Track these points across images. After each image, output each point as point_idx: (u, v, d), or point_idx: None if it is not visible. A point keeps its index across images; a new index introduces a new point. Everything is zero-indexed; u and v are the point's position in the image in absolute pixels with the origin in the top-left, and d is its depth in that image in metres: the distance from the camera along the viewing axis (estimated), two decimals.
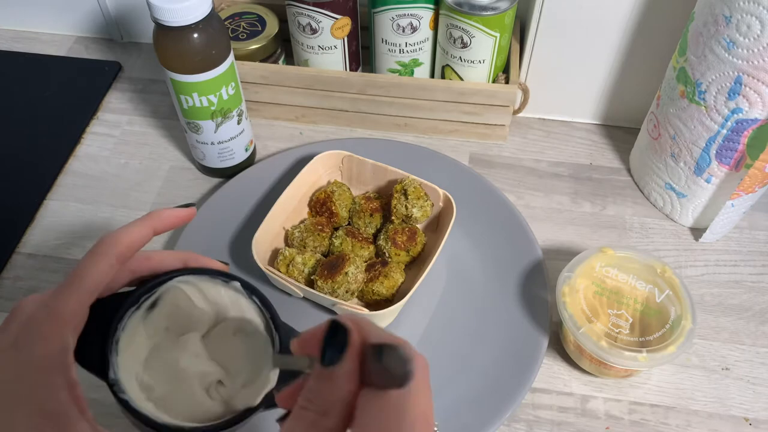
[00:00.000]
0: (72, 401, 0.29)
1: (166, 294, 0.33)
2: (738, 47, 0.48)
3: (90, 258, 0.31)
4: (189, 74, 0.55)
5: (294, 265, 0.53)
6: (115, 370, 0.32)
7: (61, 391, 0.29)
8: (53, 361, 0.29)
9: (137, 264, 0.33)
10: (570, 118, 0.71)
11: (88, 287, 0.30)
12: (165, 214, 0.34)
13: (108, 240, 0.31)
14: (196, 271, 0.34)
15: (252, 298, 0.35)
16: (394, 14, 0.63)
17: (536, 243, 0.58)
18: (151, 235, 0.33)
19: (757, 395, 0.51)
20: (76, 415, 0.29)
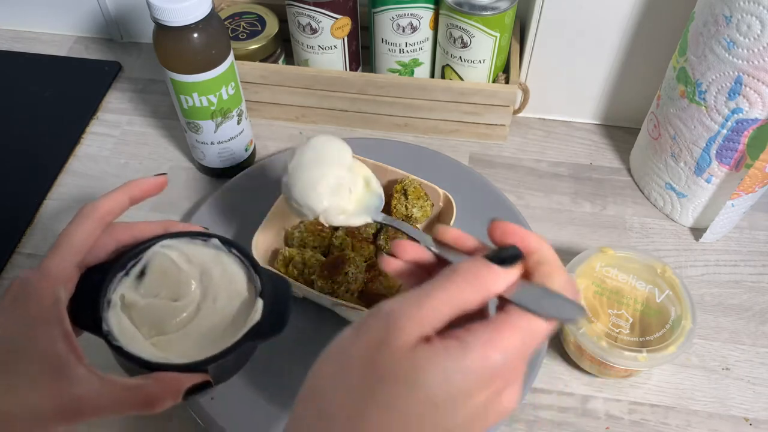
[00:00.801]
0: (69, 349, 0.32)
1: (152, 260, 0.37)
2: (738, 47, 0.48)
3: (73, 223, 0.34)
4: (189, 74, 0.55)
5: (294, 265, 0.53)
6: (108, 324, 0.34)
7: (58, 340, 0.31)
8: (48, 314, 0.32)
9: (121, 232, 0.37)
10: (570, 118, 0.71)
11: (73, 247, 0.34)
12: (139, 182, 0.37)
13: (88, 206, 0.35)
14: (176, 235, 0.38)
15: (232, 252, 0.38)
16: (394, 14, 0.63)
17: None
18: (128, 202, 0.36)
19: (757, 395, 0.51)
20: (74, 361, 0.31)
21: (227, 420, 0.48)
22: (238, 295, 0.37)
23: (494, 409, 0.28)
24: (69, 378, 0.31)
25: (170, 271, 0.37)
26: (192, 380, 0.33)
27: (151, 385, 0.32)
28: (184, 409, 0.50)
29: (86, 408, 0.31)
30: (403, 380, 0.26)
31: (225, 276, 0.38)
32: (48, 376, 0.31)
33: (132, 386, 0.32)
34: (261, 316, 0.36)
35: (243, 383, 0.50)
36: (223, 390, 0.49)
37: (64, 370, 0.31)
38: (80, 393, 0.31)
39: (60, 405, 0.30)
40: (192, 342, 0.35)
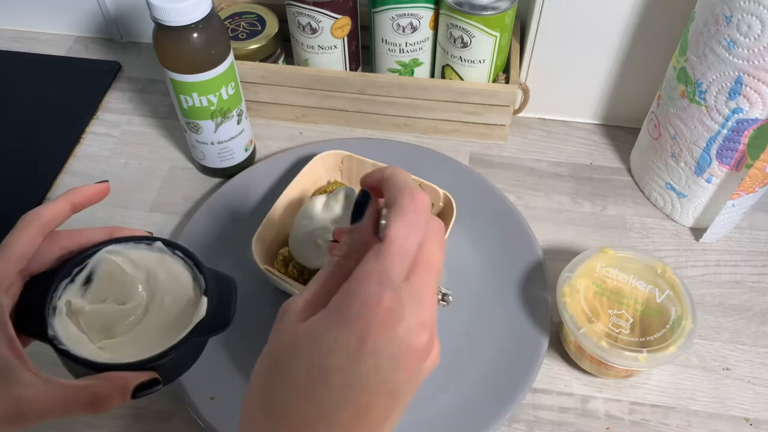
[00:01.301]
0: (13, 354, 0.32)
1: (98, 266, 0.37)
2: (738, 47, 0.48)
3: (15, 231, 0.35)
4: (189, 74, 0.55)
5: (293, 265, 0.53)
6: (54, 329, 0.34)
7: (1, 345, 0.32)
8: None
9: (66, 239, 0.37)
10: (570, 118, 0.71)
11: (14, 254, 0.34)
12: (81, 189, 0.38)
13: (30, 214, 0.35)
14: (120, 240, 0.38)
15: (176, 253, 0.39)
16: (394, 14, 0.63)
17: (536, 243, 0.58)
18: (69, 210, 0.37)
19: (757, 395, 0.51)
20: (19, 366, 0.32)
21: (227, 420, 0.48)
22: (184, 294, 0.38)
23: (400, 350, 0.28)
24: (13, 382, 0.31)
25: (116, 276, 0.38)
26: (139, 378, 0.34)
27: (98, 384, 0.33)
28: (184, 410, 0.50)
29: (32, 411, 0.31)
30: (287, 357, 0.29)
31: (170, 277, 0.39)
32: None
33: (79, 387, 0.32)
34: (206, 312, 0.37)
35: (243, 384, 0.50)
36: (223, 391, 0.49)
37: (8, 374, 0.31)
38: (26, 395, 0.31)
39: (5, 409, 0.31)
40: (141, 343, 0.36)
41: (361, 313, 0.27)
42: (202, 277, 0.39)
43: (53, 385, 0.32)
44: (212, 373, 0.50)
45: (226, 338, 0.52)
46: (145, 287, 0.38)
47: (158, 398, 0.51)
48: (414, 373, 0.28)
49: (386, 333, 0.27)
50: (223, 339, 0.52)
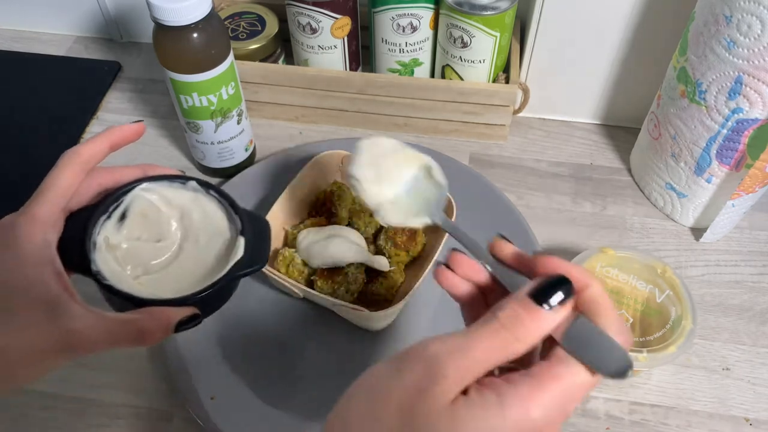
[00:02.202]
0: (62, 288, 0.32)
1: (133, 204, 0.38)
2: (738, 47, 0.48)
3: (57, 169, 0.35)
4: (189, 74, 0.55)
5: (294, 265, 0.53)
6: (96, 264, 0.35)
7: (50, 280, 0.32)
8: (40, 255, 0.33)
9: (102, 177, 0.38)
10: (570, 118, 0.71)
11: (58, 192, 0.35)
12: (119, 128, 0.38)
13: (71, 153, 0.36)
14: (155, 178, 0.39)
15: (210, 193, 0.40)
16: (394, 14, 0.63)
17: (536, 243, 0.58)
18: (108, 149, 0.37)
19: (757, 395, 0.51)
20: (68, 299, 0.32)
21: (227, 420, 0.48)
22: (218, 233, 0.39)
23: None
24: (64, 315, 0.32)
25: (151, 214, 0.38)
26: (181, 313, 0.34)
27: (143, 319, 0.33)
28: (184, 410, 0.50)
29: (83, 343, 0.32)
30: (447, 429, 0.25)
31: (205, 216, 0.39)
32: (44, 314, 0.31)
33: (125, 321, 0.33)
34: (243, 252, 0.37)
35: (243, 384, 0.50)
36: (223, 391, 0.49)
37: (59, 307, 0.32)
38: (76, 328, 0.32)
39: (58, 341, 0.31)
40: (177, 280, 0.37)
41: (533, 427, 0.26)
42: (238, 217, 0.39)
43: (101, 318, 0.32)
44: (212, 373, 0.50)
45: (226, 338, 0.52)
46: (179, 225, 0.39)
47: (158, 398, 0.51)
48: None
49: None
50: (223, 339, 0.52)
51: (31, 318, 0.31)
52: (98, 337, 0.32)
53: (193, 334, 0.52)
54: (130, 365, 0.53)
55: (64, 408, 0.50)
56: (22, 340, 0.31)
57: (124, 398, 0.51)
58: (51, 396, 0.51)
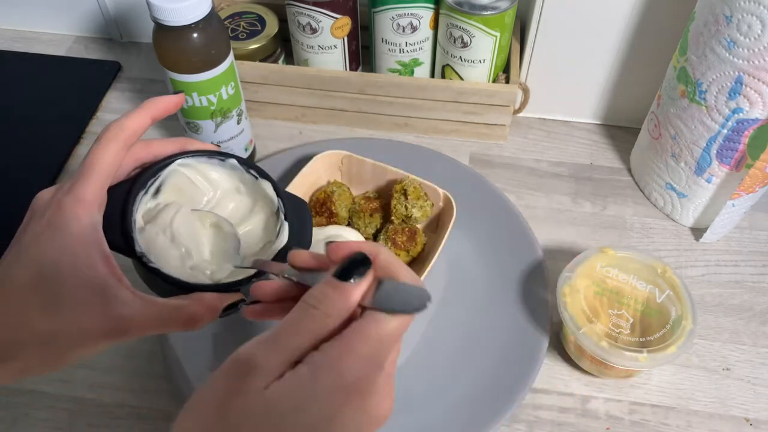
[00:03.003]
0: (110, 272, 0.32)
1: (168, 178, 0.37)
2: (739, 47, 0.48)
3: (100, 146, 0.34)
4: (188, 74, 0.55)
5: None
6: (140, 245, 0.34)
7: (98, 262, 0.32)
8: (87, 237, 0.32)
9: (140, 151, 0.36)
10: (570, 118, 0.71)
11: (104, 171, 0.33)
12: (159, 100, 0.37)
13: (114, 127, 0.34)
14: (194, 153, 0.37)
15: (250, 172, 0.38)
16: (394, 14, 0.63)
17: (536, 243, 0.58)
18: (150, 121, 0.36)
19: (757, 396, 0.51)
20: (116, 283, 0.32)
21: None
22: (258, 215, 0.38)
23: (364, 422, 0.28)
24: (114, 300, 0.31)
25: (186, 188, 0.37)
26: (229, 299, 0.35)
27: (192, 305, 0.33)
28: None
29: (132, 327, 0.32)
30: (257, 424, 0.26)
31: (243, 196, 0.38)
32: (93, 298, 0.31)
33: (175, 306, 0.33)
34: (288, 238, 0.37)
35: None
36: None
37: (108, 292, 0.32)
38: (126, 313, 0.31)
39: (107, 325, 0.31)
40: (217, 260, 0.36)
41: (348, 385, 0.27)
42: (279, 199, 0.38)
43: (150, 304, 0.32)
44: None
45: (226, 338, 0.52)
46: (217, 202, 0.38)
47: (158, 398, 0.51)
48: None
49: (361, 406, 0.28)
50: (223, 339, 0.52)
51: (81, 303, 0.31)
52: (148, 322, 0.32)
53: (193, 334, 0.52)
54: (130, 365, 0.53)
55: (64, 408, 0.50)
56: (72, 325, 0.31)
57: (124, 398, 0.51)
58: (51, 396, 0.51)
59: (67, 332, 0.31)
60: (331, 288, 0.29)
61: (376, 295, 0.29)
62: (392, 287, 0.29)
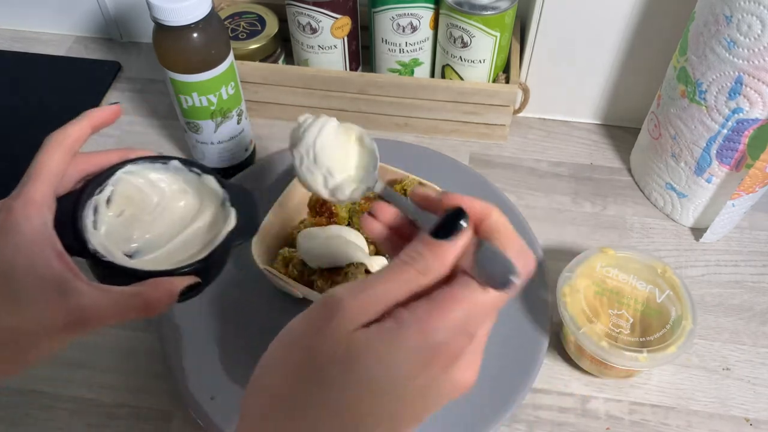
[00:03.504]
0: (65, 267, 0.33)
1: (117, 187, 0.39)
2: (739, 47, 0.48)
3: (45, 152, 0.36)
4: (188, 74, 0.55)
5: (294, 265, 0.53)
6: (92, 244, 0.36)
7: (53, 259, 0.33)
8: (40, 235, 0.33)
9: (83, 163, 0.38)
10: (570, 118, 0.71)
11: (50, 175, 0.35)
12: (97, 110, 0.39)
13: (58, 135, 0.37)
14: (136, 160, 0.39)
15: (193, 170, 0.40)
16: (394, 14, 0.63)
17: (536, 243, 0.58)
18: (90, 130, 0.38)
19: (757, 396, 0.51)
20: (72, 277, 0.33)
21: (227, 420, 0.48)
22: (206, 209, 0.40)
23: (445, 387, 0.28)
24: (71, 292, 0.32)
25: (135, 195, 0.39)
26: (184, 282, 0.35)
27: (148, 290, 0.34)
28: (184, 410, 0.50)
29: (92, 317, 0.32)
30: (339, 363, 0.27)
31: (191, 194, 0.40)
32: (50, 293, 0.32)
33: (131, 293, 0.34)
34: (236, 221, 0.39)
35: (243, 384, 0.50)
36: (223, 391, 0.49)
37: (65, 285, 0.32)
38: (84, 304, 0.32)
39: (67, 318, 0.32)
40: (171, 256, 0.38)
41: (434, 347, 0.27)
42: (225, 190, 0.40)
43: (108, 293, 0.33)
44: (212, 373, 0.50)
45: (226, 338, 0.52)
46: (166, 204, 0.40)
47: (158, 398, 0.51)
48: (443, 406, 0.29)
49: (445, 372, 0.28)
50: (223, 339, 0.52)
51: (38, 298, 0.32)
52: (107, 310, 0.33)
53: (193, 334, 0.52)
54: (130, 365, 0.53)
55: (64, 408, 0.50)
56: (31, 321, 0.32)
57: (124, 398, 0.51)
58: (51, 396, 0.51)
59: (27, 329, 0.32)
60: (424, 245, 0.29)
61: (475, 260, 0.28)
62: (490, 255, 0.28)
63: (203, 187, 0.40)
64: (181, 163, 0.40)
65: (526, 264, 0.29)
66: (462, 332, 0.27)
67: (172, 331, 0.52)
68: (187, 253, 0.38)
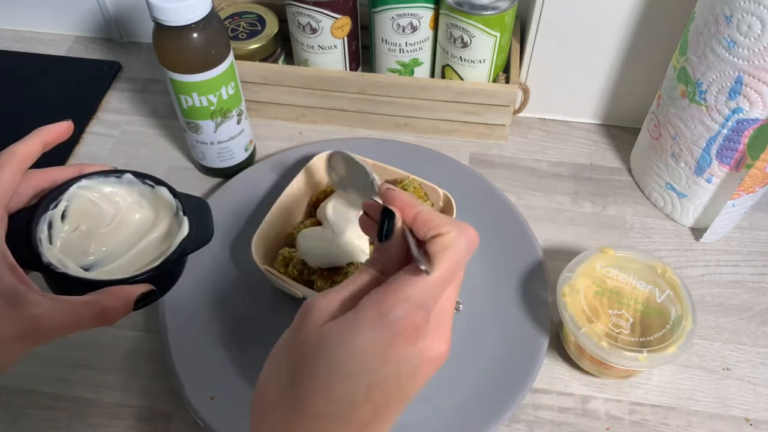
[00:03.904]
0: (17, 280, 0.33)
1: (72, 202, 0.39)
2: (739, 47, 0.48)
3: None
4: (188, 74, 0.55)
5: (294, 265, 0.53)
6: (46, 257, 0.36)
7: (4, 272, 0.33)
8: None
9: (37, 178, 0.38)
10: (570, 118, 0.71)
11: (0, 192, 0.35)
12: (49, 128, 0.39)
13: (6, 153, 0.36)
14: (90, 175, 0.40)
15: (146, 183, 0.41)
16: (394, 14, 0.63)
17: (536, 243, 0.58)
18: (40, 147, 0.38)
19: (757, 396, 0.51)
20: (24, 288, 0.33)
21: (227, 420, 0.48)
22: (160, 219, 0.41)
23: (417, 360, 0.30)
24: (24, 303, 0.32)
25: (90, 210, 0.39)
26: (139, 290, 0.36)
27: (104, 298, 0.34)
28: (184, 410, 0.50)
29: (46, 327, 0.32)
30: (310, 355, 0.30)
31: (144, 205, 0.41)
32: (3, 304, 0.32)
33: (86, 302, 0.34)
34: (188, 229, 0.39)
35: (243, 384, 0.50)
36: (223, 391, 0.49)
37: (17, 297, 0.32)
38: (38, 313, 0.32)
39: (19, 327, 0.32)
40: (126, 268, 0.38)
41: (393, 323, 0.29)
42: (177, 200, 0.41)
43: (62, 302, 0.33)
44: (212, 373, 0.50)
45: (226, 339, 0.52)
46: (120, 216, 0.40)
47: (158, 398, 0.51)
48: (425, 380, 0.31)
49: (411, 345, 0.30)
50: (223, 339, 0.52)
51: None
52: (62, 320, 0.33)
53: (193, 334, 0.52)
54: (130, 365, 0.53)
55: (64, 408, 0.50)
56: None
57: (124, 398, 0.51)
58: (51, 396, 0.51)
59: None
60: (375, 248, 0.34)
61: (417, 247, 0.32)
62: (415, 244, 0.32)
63: (158, 199, 0.41)
64: (134, 176, 0.41)
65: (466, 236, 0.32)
66: (417, 307, 0.30)
67: (172, 331, 0.52)
68: (142, 262, 0.38)
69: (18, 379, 0.52)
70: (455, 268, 0.31)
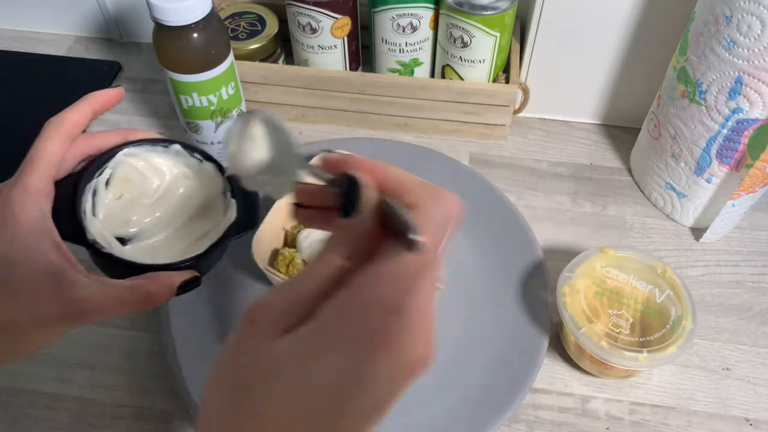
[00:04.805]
0: (62, 258, 0.33)
1: (117, 170, 0.38)
2: (738, 47, 0.48)
3: (44, 138, 0.35)
4: (189, 74, 0.55)
5: (294, 265, 0.53)
6: (91, 233, 0.35)
7: (51, 251, 0.32)
8: (37, 226, 0.32)
9: (84, 145, 0.37)
10: (570, 118, 0.71)
11: (48, 163, 0.34)
12: (99, 94, 0.38)
13: (56, 120, 0.35)
14: (138, 143, 0.38)
15: (194, 156, 0.39)
16: (394, 14, 0.63)
17: (536, 243, 0.58)
18: (91, 114, 0.37)
19: (757, 396, 0.51)
20: (69, 268, 0.32)
21: None
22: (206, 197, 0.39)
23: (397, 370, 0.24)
24: (68, 284, 0.32)
25: (135, 178, 0.38)
26: (183, 276, 0.35)
27: (148, 283, 0.34)
28: (184, 410, 0.50)
29: (89, 308, 0.32)
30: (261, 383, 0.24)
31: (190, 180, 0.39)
32: (47, 284, 0.32)
33: (131, 286, 0.33)
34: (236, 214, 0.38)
35: None
36: None
37: (62, 277, 0.32)
38: (83, 295, 0.32)
39: (63, 308, 0.32)
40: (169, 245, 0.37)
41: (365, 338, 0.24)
42: (227, 180, 0.39)
43: (107, 285, 0.33)
44: None
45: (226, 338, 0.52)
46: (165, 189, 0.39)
47: (158, 398, 0.51)
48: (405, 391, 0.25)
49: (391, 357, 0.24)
50: (222, 339, 0.52)
51: (35, 290, 0.31)
52: (106, 303, 0.32)
53: (193, 334, 0.52)
54: (130, 365, 0.53)
55: (64, 408, 0.50)
56: (28, 313, 0.31)
57: (124, 398, 0.51)
58: (51, 396, 0.51)
59: (22, 321, 0.31)
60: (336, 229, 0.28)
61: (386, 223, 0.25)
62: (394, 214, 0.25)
63: (204, 174, 0.39)
64: (182, 147, 0.39)
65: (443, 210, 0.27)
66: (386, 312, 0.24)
67: (173, 331, 0.52)
68: (184, 242, 0.37)
69: (18, 379, 0.52)
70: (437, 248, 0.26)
